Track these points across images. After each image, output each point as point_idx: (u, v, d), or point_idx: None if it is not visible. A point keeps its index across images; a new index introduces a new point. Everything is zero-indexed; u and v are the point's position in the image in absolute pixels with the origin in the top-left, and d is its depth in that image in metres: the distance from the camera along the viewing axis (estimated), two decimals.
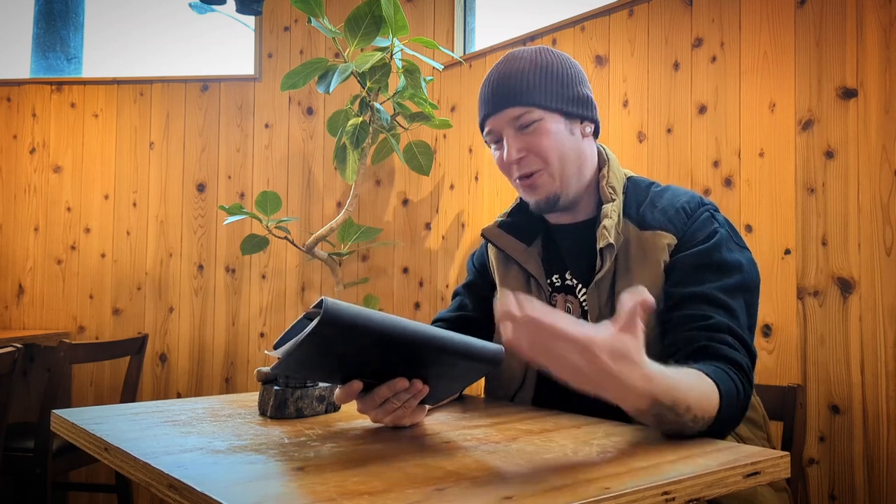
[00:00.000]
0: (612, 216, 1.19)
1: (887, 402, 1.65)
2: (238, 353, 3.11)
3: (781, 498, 1.17)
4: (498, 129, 1.24)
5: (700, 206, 1.19)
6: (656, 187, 1.25)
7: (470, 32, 3.01)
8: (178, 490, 0.74)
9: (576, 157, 1.23)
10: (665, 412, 0.91)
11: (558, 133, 1.21)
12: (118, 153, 3.20)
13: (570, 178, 1.23)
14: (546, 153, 1.20)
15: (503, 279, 1.33)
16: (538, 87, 1.21)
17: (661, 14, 2.17)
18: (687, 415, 0.92)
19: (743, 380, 1.02)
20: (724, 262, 1.12)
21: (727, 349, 1.04)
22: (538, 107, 1.20)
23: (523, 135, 1.21)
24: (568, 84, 1.23)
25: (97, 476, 3.07)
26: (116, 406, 1.19)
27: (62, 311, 3.18)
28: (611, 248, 1.17)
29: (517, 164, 1.22)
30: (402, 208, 3.07)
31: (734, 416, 1.01)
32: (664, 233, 1.16)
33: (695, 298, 1.09)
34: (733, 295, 1.10)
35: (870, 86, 1.71)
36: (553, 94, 1.21)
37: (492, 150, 1.29)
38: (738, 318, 1.09)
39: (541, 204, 1.24)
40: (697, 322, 1.07)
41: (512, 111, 1.21)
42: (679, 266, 1.13)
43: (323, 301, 0.84)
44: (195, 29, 3.88)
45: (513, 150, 1.21)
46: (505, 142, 1.23)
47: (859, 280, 1.70)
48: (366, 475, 0.78)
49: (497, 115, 1.22)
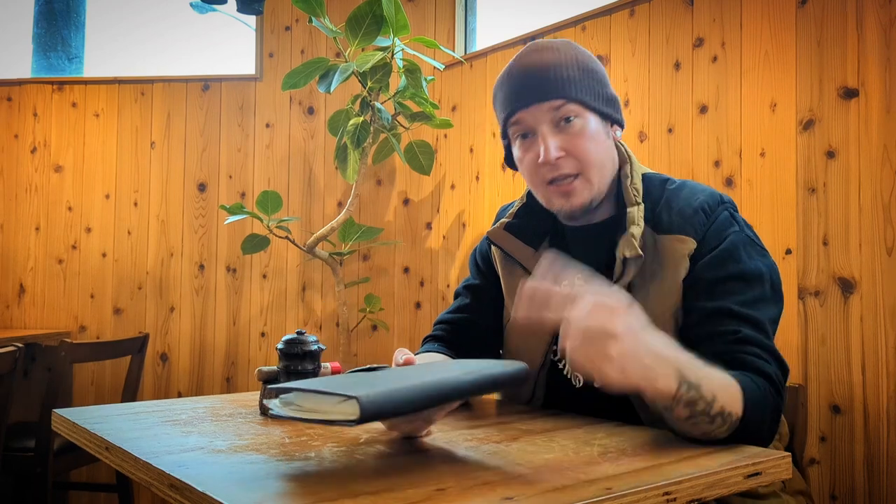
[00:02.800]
0: (639, 223, 1.11)
1: (888, 403, 1.65)
2: (239, 352, 3.11)
3: (799, 501, 1.16)
4: (531, 124, 1.12)
5: (720, 203, 1.12)
6: (671, 184, 1.17)
7: (471, 32, 3.01)
8: (178, 489, 0.74)
9: (610, 163, 1.16)
10: (695, 397, 0.89)
11: (598, 135, 1.13)
12: (119, 153, 3.20)
13: (605, 185, 1.15)
14: (587, 157, 1.11)
15: (508, 283, 1.29)
16: (579, 80, 1.11)
17: (662, 14, 2.17)
18: (715, 405, 0.90)
19: (772, 389, 0.99)
20: (746, 271, 1.07)
21: (754, 360, 1.00)
22: (578, 102, 1.11)
23: (562, 133, 1.11)
24: (602, 82, 1.16)
25: (98, 475, 3.07)
26: (117, 405, 1.19)
27: (63, 310, 3.18)
28: (637, 260, 1.09)
29: (551, 166, 1.11)
30: (402, 208, 3.07)
31: (763, 423, 0.97)
32: (683, 237, 1.09)
33: (719, 314, 1.04)
34: (757, 306, 1.05)
35: (871, 85, 1.71)
36: (593, 92, 1.13)
37: (514, 147, 1.18)
38: (765, 330, 1.04)
39: (575, 212, 1.15)
40: (724, 337, 1.02)
41: (552, 103, 1.10)
42: (700, 279, 1.08)
43: (359, 401, 0.75)
44: (196, 28, 3.88)
45: (551, 147, 1.09)
46: (540, 138, 1.11)
47: (860, 280, 1.70)
48: (367, 475, 0.78)
49: (533, 108, 1.11)
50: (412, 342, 2.96)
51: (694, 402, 0.90)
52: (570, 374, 1.21)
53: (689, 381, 0.90)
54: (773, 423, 1.00)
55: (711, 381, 0.92)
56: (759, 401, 0.96)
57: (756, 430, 0.96)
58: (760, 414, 0.96)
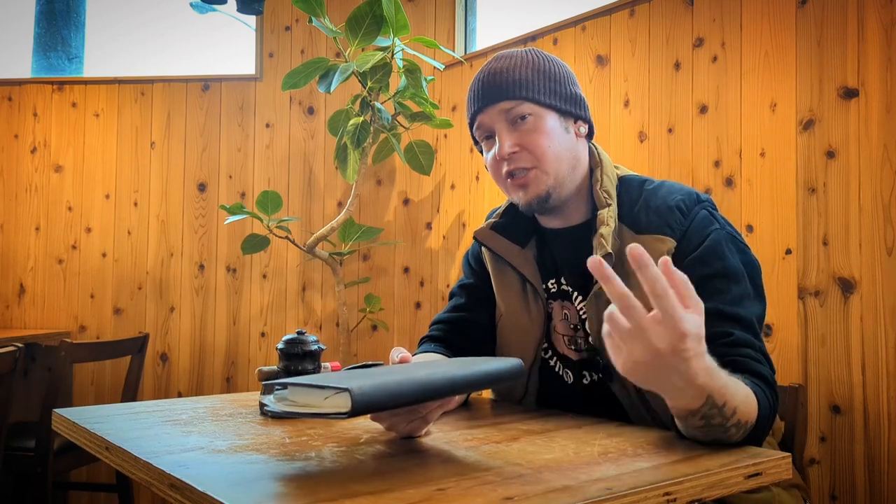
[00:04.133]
0: (608, 223, 1.14)
1: (888, 403, 1.65)
2: (239, 352, 3.11)
3: (793, 495, 1.16)
4: (489, 124, 1.19)
5: (696, 203, 1.14)
6: (649, 185, 1.19)
7: (471, 32, 3.01)
8: (179, 489, 0.74)
9: (571, 156, 1.19)
10: (714, 414, 0.89)
11: (553, 130, 1.17)
12: (119, 153, 3.20)
13: (564, 178, 1.18)
14: (541, 150, 1.16)
15: (498, 282, 1.30)
16: (531, 82, 1.17)
17: (662, 14, 2.17)
18: (732, 419, 0.90)
19: (770, 393, 1.00)
20: (729, 269, 1.08)
21: (753, 363, 1.01)
22: (531, 101, 1.17)
23: (517, 130, 1.17)
24: (560, 82, 1.20)
25: (98, 475, 3.07)
26: (117, 405, 1.19)
27: (63, 310, 3.18)
28: (609, 258, 1.10)
29: (508, 160, 1.17)
30: (402, 208, 3.07)
31: (767, 427, 0.99)
32: (662, 237, 1.10)
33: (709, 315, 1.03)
34: (743, 304, 1.06)
35: (871, 85, 1.71)
36: (546, 91, 1.18)
37: (483, 150, 1.24)
38: (754, 329, 1.06)
39: (532, 203, 1.18)
40: (719, 339, 1.02)
41: (504, 104, 1.17)
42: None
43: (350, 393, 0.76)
44: (196, 28, 3.88)
45: (505, 144, 1.16)
46: (497, 137, 1.18)
47: (860, 280, 1.70)
48: (367, 475, 0.78)
49: (488, 109, 1.18)
50: (412, 342, 2.96)
51: (712, 416, 0.90)
52: (562, 370, 1.23)
53: (714, 402, 0.89)
54: (771, 425, 1.02)
55: (735, 398, 0.91)
56: (765, 406, 0.97)
57: (761, 435, 0.98)
58: (767, 419, 0.98)
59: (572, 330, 1.22)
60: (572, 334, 1.23)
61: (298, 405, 0.82)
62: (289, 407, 0.83)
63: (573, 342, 1.23)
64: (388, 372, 0.88)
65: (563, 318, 1.24)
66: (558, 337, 1.25)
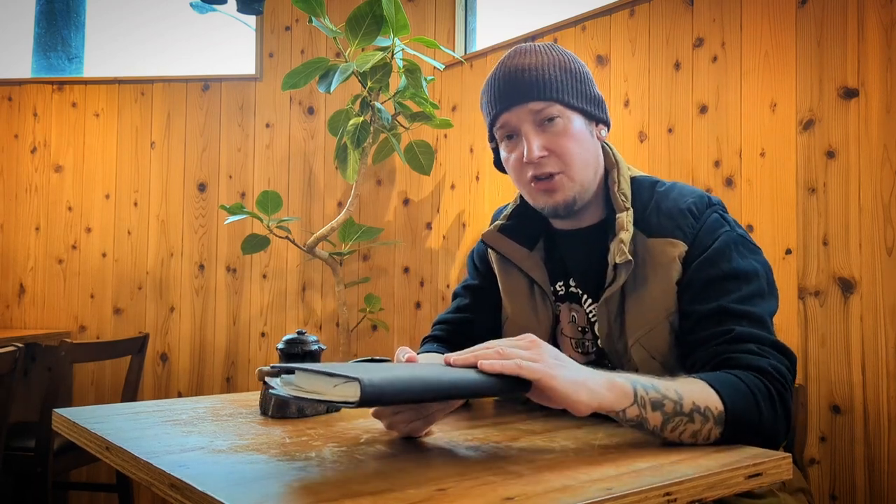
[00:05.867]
0: (628, 228, 1.12)
1: (888, 403, 1.65)
2: (239, 352, 3.11)
3: (799, 499, 1.16)
4: (515, 124, 1.14)
5: (708, 206, 1.13)
6: (660, 187, 1.17)
7: (471, 32, 3.01)
8: (179, 489, 0.74)
9: (595, 161, 1.17)
10: (657, 397, 0.89)
11: (580, 133, 1.14)
12: (119, 153, 3.20)
13: (589, 184, 1.16)
14: (569, 155, 1.13)
15: (505, 284, 1.29)
16: (560, 82, 1.13)
17: (662, 14, 2.17)
18: (684, 402, 0.90)
19: (764, 380, 0.97)
20: (739, 270, 1.07)
21: (746, 356, 0.99)
22: (561, 103, 1.13)
23: (545, 133, 1.13)
24: (584, 82, 1.17)
25: (98, 475, 3.07)
26: (117, 405, 1.19)
27: (63, 310, 3.18)
28: (629, 265, 1.09)
29: (535, 164, 1.13)
30: (402, 208, 3.07)
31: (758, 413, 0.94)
32: (673, 240, 1.10)
33: (715, 315, 1.04)
34: (754, 302, 1.05)
35: (871, 85, 1.71)
36: (574, 92, 1.15)
37: (501, 149, 1.20)
38: (763, 323, 1.04)
39: (558, 209, 1.15)
40: (719, 338, 1.02)
41: (533, 105, 1.12)
42: (694, 281, 1.08)
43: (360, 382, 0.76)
44: (196, 28, 3.88)
45: (534, 147, 1.11)
46: (524, 138, 1.13)
47: (860, 280, 1.70)
48: (367, 475, 0.78)
49: (516, 109, 1.13)
50: (412, 342, 2.96)
51: (659, 401, 0.90)
52: None
53: (641, 381, 0.90)
54: (775, 413, 0.97)
55: (667, 381, 0.93)
56: (738, 389, 0.94)
57: (754, 421, 0.94)
58: (748, 403, 0.94)
59: (580, 332, 1.22)
60: (579, 337, 1.22)
61: (305, 391, 0.82)
62: (295, 392, 0.83)
63: (580, 345, 1.23)
64: (397, 368, 0.88)
65: (571, 320, 1.23)
66: (565, 339, 1.25)
